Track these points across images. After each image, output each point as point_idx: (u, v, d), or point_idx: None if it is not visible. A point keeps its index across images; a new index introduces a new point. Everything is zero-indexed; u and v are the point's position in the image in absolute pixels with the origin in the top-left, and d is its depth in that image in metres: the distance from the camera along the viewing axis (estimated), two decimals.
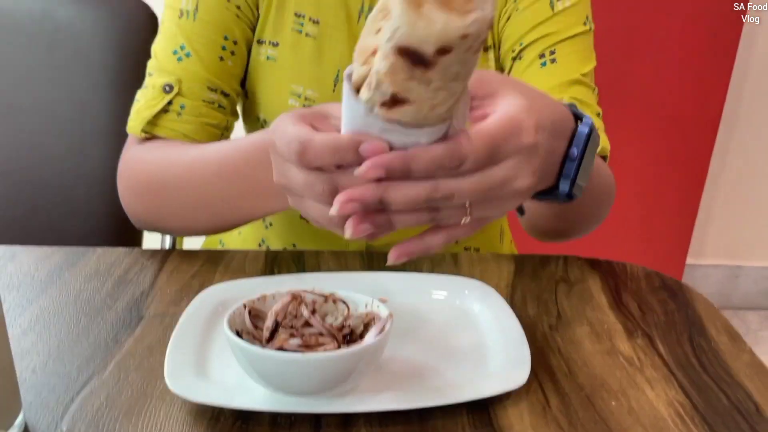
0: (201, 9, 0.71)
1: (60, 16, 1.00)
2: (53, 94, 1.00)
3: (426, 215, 0.41)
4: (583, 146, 0.49)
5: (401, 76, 0.34)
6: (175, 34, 0.72)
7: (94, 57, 0.99)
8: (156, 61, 0.72)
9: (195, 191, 0.63)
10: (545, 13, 0.71)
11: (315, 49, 0.74)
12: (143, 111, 0.70)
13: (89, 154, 1.00)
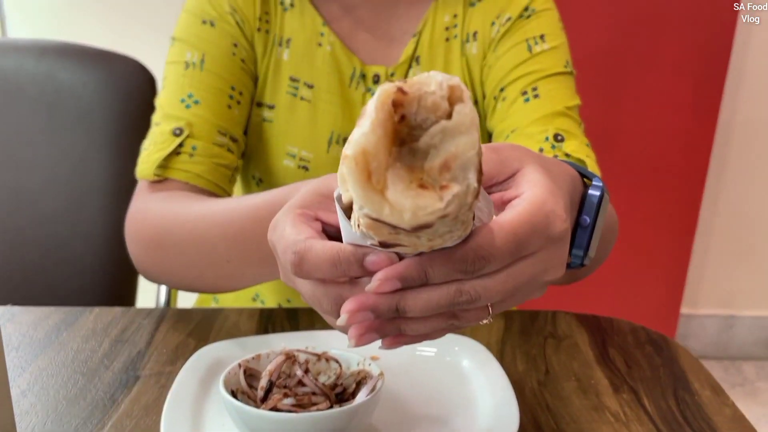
0: (207, 60, 0.73)
1: (62, 78, 1.03)
2: (53, 154, 1.02)
3: (444, 321, 0.36)
4: (595, 213, 0.46)
5: (385, 231, 0.31)
6: (182, 84, 0.72)
7: (94, 117, 1.02)
8: (162, 111, 0.72)
9: (200, 250, 0.62)
10: (524, 56, 0.73)
11: (309, 111, 0.76)
12: (154, 154, 0.69)
13: (87, 213, 1.02)
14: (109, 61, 1.05)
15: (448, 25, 0.76)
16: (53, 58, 1.04)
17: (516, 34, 0.74)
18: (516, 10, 0.75)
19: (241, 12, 0.76)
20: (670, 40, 1.62)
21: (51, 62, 1.03)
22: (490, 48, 0.75)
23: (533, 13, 0.75)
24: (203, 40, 0.74)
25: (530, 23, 0.74)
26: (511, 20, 0.75)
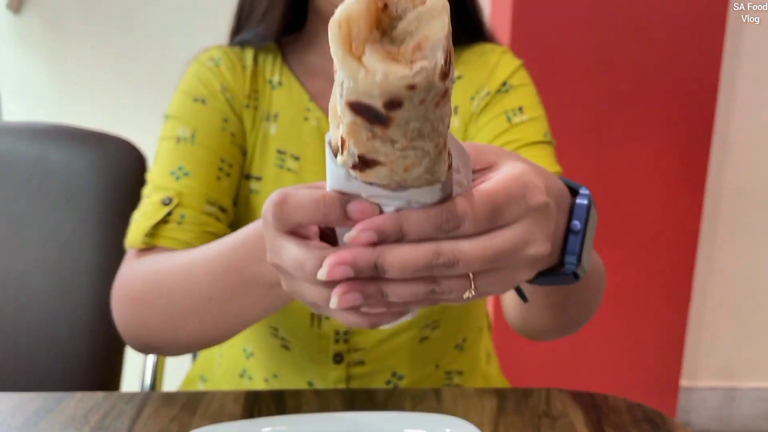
0: (198, 135, 0.75)
1: (53, 159, 1.04)
2: (41, 235, 1.02)
3: (424, 287, 0.36)
4: (585, 219, 0.46)
5: (363, 135, 0.33)
6: (174, 158, 0.74)
7: (84, 197, 1.02)
8: (153, 184, 0.73)
9: (182, 294, 0.61)
10: (503, 126, 0.75)
11: (296, 182, 0.77)
12: (142, 223, 0.70)
13: (73, 295, 1.00)
14: (101, 141, 1.06)
15: None
16: (46, 140, 1.05)
17: (495, 107, 0.77)
18: (494, 85, 0.78)
19: (231, 90, 0.78)
20: (653, 111, 1.66)
21: (43, 144, 1.04)
22: (471, 121, 0.78)
23: (511, 88, 0.78)
24: (195, 117, 0.76)
25: (508, 97, 0.77)
26: (489, 94, 0.78)
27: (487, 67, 0.79)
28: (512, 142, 0.74)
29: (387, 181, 0.34)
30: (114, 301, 0.69)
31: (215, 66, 0.79)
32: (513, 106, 0.76)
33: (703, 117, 1.69)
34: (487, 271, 0.37)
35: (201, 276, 0.59)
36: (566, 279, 0.48)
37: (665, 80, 1.64)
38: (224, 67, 0.79)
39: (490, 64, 0.80)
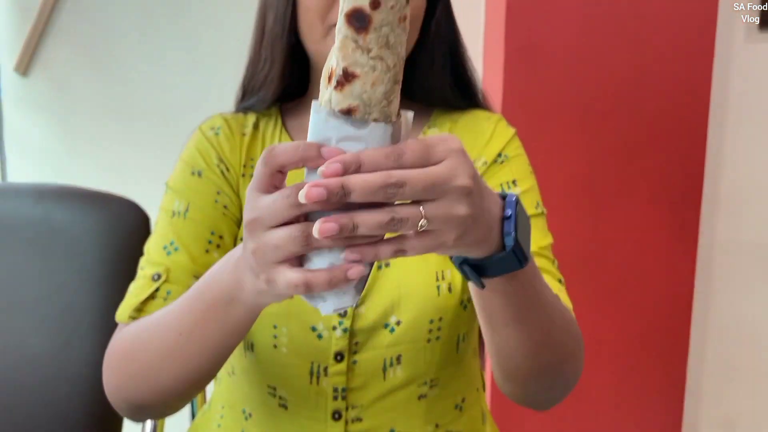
0: (191, 209, 0.79)
1: (57, 220, 1.06)
2: (44, 294, 1.04)
3: (385, 215, 0.46)
4: (515, 207, 0.54)
5: (349, 47, 0.44)
6: (167, 232, 0.78)
7: (86, 257, 1.04)
8: (147, 256, 0.78)
9: (159, 339, 0.66)
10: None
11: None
12: (131, 299, 0.75)
13: (74, 353, 1.01)
14: (105, 202, 1.09)
15: None
16: (51, 201, 1.08)
17: (491, 179, 0.80)
18: (491, 155, 0.81)
19: (227, 161, 0.81)
20: (643, 167, 1.70)
21: (48, 205, 1.07)
22: None
23: (506, 159, 0.81)
24: (190, 190, 0.80)
25: (503, 169, 0.81)
26: (486, 164, 0.81)
27: (484, 137, 0.83)
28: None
29: (357, 101, 0.45)
30: (104, 369, 0.73)
31: (215, 135, 0.83)
32: (507, 179, 0.80)
33: (692, 171, 1.73)
34: (430, 202, 0.47)
35: (172, 317, 0.65)
36: (510, 262, 0.55)
37: (654, 136, 1.69)
38: (223, 137, 0.83)
39: (487, 134, 0.83)
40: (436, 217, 0.47)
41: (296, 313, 0.76)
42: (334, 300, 0.49)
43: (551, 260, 0.78)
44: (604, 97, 1.65)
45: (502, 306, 0.61)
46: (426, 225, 0.47)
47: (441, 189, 0.46)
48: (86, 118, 1.84)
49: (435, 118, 0.86)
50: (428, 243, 0.48)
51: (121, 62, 1.82)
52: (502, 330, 0.64)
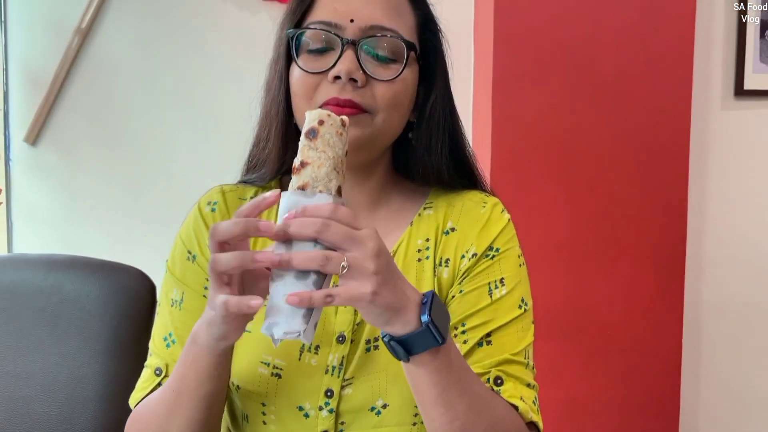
0: (186, 299, 0.82)
1: (68, 290, 1.10)
2: (52, 362, 1.07)
3: (318, 254, 0.60)
4: (431, 296, 0.66)
5: (305, 149, 0.65)
6: (167, 322, 0.83)
7: (95, 325, 1.08)
8: (153, 344, 0.84)
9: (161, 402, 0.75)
10: (484, 301, 0.80)
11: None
12: (138, 391, 0.82)
13: (80, 421, 1.04)
14: (113, 271, 1.13)
15: (420, 247, 0.84)
16: (61, 271, 1.12)
17: (481, 275, 0.82)
18: (481, 247, 0.83)
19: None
20: (626, 230, 1.76)
21: (59, 275, 1.12)
22: (457, 279, 0.82)
23: (496, 255, 0.83)
24: (185, 278, 0.84)
25: (493, 266, 0.82)
26: (476, 257, 0.82)
27: (479, 224, 0.84)
28: (487, 323, 0.80)
29: (308, 179, 0.64)
30: None
31: (210, 212, 0.86)
32: (496, 278, 0.81)
33: (674, 234, 1.80)
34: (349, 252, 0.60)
35: (169, 381, 0.75)
36: (428, 337, 0.65)
37: (637, 201, 1.76)
38: (218, 214, 0.86)
39: (482, 221, 0.84)
40: (353, 264, 0.61)
41: (285, 392, 0.79)
42: (284, 324, 0.61)
43: (524, 364, 0.80)
44: (588, 165, 1.73)
45: (428, 384, 0.69)
46: (346, 267, 0.60)
47: (357, 244, 0.61)
48: (93, 187, 1.88)
49: (432, 198, 0.88)
50: (351, 292, 0.61)
51: (128, 133, 1.88)
52: (430, 410, 0.70)
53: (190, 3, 1.86)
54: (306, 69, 0.78)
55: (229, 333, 0.67)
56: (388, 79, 0.78)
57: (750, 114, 1.97)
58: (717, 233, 1.99)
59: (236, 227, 0.61)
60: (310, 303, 0.60)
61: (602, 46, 1.71)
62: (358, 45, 0.77)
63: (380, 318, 0.64)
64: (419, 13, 0.84)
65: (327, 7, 0.80)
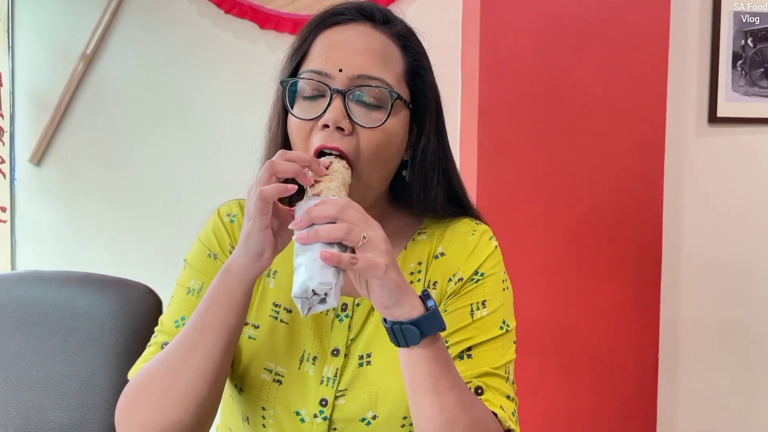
0: (205, 289, 0.84)
1: (80, 305, 1.16)
2: (65, 372, 1.12)
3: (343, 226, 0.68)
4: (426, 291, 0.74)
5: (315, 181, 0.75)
6: (181, 307, 0.87)
7: (105, 337, 1.14)
8: (161, 326, 0.88)
9: (176, 345, 0.78)
10: (465, 320, 0.84)
11: (287, 333, 0.86)
12: (142, 362, 0.85)
13: (91, 427, 1.10)
14: (123, 287, 1.20)
15: (413, 270, 0.88)
16: (74, 287, 1.18)
17: (464, 297, 0.86)
18: (468, 272, 0.86)
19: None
20: (603, 249, 1.82)
21: (72, 291, 1.18)
22: (443, 301, 0.87)
23: (481, 279, 0.86)
24: (206, 271, 0.88)
25: (476, 289, 0.86)
26: (462, 281, 0.86)
27: (467, 250, 0.88)
28: (468, 339, 0.83)
29: (322, 188, 0.73)
30: (117, 409, 0.82)
31: (230, 222, 0.90)
32: (478, 300, 0.85)
33: (650, 252, 1.86)
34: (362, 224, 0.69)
35: (188, 324, 0.78)
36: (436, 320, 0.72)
37: (614, 222, 1.83)
38: (237, 225, 0.90)
39: (470, 248, 0.88)
40: (370, 239, 0.69)
41: (284, 398, 0.84)
42: (318, 277, 0.68)
43: (504, 378, 0.83)
44: (568, 188, 1.81)
45: (424, 372, 0.73)
46: (365, 240, 0.69)
47: (371, 226, 0.70)
48: (95, 206, 1.93)
49: (426, 225, 0.92)
50: (370, 260, 0.68)
51: (130, 154, 1.94)
52: (422, 399, 0.74)
53: (191, 31, 1.93)
54: (299, 116, 0.82)
55: (265, 245, 0.74)
56: (373, 127, 0.80)
57: (723, 140, 2.03)
58: (692, 253, 2.04)
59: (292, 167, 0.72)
60: (339, 261, 0.67)
61: (581, 76, 1.79)
62: (346, 94, 0.80)
63: (390, 297, 0.70)
64: (409, 59, 0.86)
65: (319, 56, 0.83)
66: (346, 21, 0.85)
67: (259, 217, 0.72)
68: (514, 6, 1.78)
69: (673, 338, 2.03)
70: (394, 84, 0.83)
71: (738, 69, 2.00)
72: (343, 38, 0.84)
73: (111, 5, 1.90)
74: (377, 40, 0.84)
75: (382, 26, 0.86)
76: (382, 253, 0.69)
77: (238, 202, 0.93)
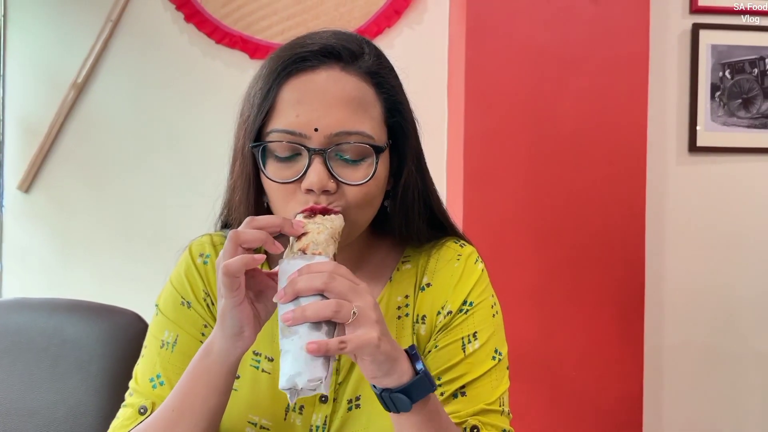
0: (179, 342, 0.83)
1: (67, 332, 1.15)
2: (52, 399, 1.12)
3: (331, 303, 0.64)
4: (413, 347, 0.71)
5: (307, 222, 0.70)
6: (155, 363, 0.83)
7: (93, 365, 1.13)
8: (136, 384, 0.83)
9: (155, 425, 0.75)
10: (458, 356, 0.82)
11: (270, 383, 0.82)
12: (117, 429, 0.80)
13: None
14: (111, 314, 1.20)
15: (400, 304, 0.85)
16: (62, 314, 1.18)
17: (454, 331, 0.83)
18: (456, 304, 0.84)
19: (212, 294, 0.85)
20: (589, 280, 1.85)
21: (60, 318, 1.17)
22: (433, 335, 0.84)
23: (470, 308, 0.84)
24: (178, 321, 0.84)
25: (467, 321, 0.83)
26: (451, 314, 0.84)
27: (453, 279, 0.85)
28: (461, 377, 0.81)
29: (308, 242, 0.68)
30: None
31: (203, 264, 0.86)
32: (469, 332, 0.83)
33: (633, 280, 1.89)
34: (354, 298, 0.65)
35: (166, 401, 0.75)
36: (425, 384, 0.69)
37: (598, 250, 1.86)
38: (210, 267, 0.85)
39: (456, 276, 0.85)
40: (360, 312, 0.65)
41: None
42: (306, 373, 0.64)
43: (500, 411, 0.82)
44: (553, 217, 1.84)
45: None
46: (356, 313, 0.64)
47: (360, 295, 0.66)
48: (83, 233, 1.93)
49: (408, 253, 0.88)
50: (360, 338, 0.64)
51: (118, 182, 1.95)
52: None
53: (182, 60, 1.95)
54: (277, 180, 0.76)
55: (244, 323, 0.69)
56: (359, 183, 0.76)
57: (703, 168, 2.08)
58: (675, 280, 2.07)
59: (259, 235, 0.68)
60: (327, 350, 0.63)
61: (563, 107, 1.83)
62: (326, 154, 0.74)
63: (381, 368, 0.66)
64: (385, 97, 0.79)
65: (288, 115, 0.75)
66: (312, 68, 0.76)
67: (230, 294, 0.66)
68: (499, 39, 1.82)
69: (657, 365, 2.05)
70: (375, 133, 0.77)
71: (716, 100, 2.05)
72: (311, 90, 0.75)
73: (102, 34, 1.93)
74: (348, 85, 0.76)
75: (351, 66, 0.77)
76: (373, 325, 0.65)
77: (211, 238, 0.89)
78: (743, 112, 2.07)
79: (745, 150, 2.08)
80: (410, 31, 2.00)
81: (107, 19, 1.93)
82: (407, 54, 1.94)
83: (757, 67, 2.06)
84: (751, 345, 2.10)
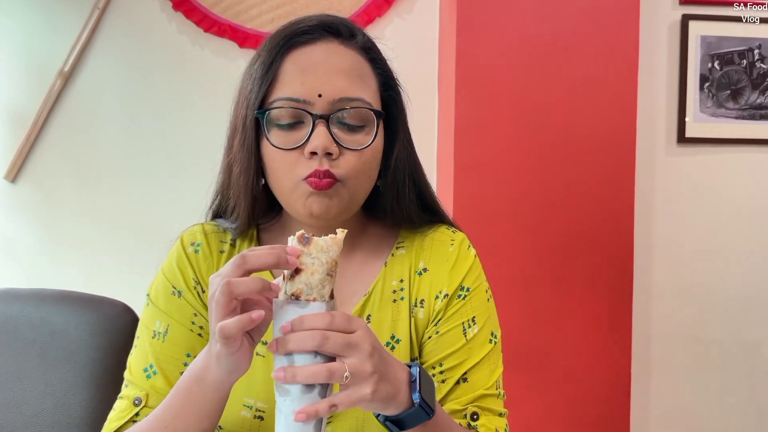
0: (170, 332, 0.83)
1: (55, 322, 1.15)
2: (40, 390, 1.11)
3: (322, 367, 0.62)
4: (418, 372, 0.69)
5: (300, 256, 0.64)
6: (147, 353, 0.83)
7: (81, 355, 1.12)
8: (130, 375, 0.84)
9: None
10: (459, 341, 0.84)
11: (264, 366, 0.83)
12: (114, 421, 0.81)
13: None
14: (99, 304, 1.19)
15: (395, 288, 0.87)
16: (50, 305, 1.17)
17: (454, 316, 0.86)
18: (452, 287, 0.86)
19: (203, 282, 0.85)
20: (578, 267, 1.86)
21: (48, 308, 1.16)
22: (432, 320, 0.86)
23: (467, 293, 0.87)
24: (170, 311, 0.84)
25: (465, 306, 0.86)
26: (448, 297, 0.86)
27: (449, 263, 0.87)
28: (464, 362, 0.84)
29: (302, 285, 0.64)
30: None
31: (194, 253, 0.86)
32: (468, 318, 0.85)
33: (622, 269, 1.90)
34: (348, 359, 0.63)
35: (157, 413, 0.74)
36: (420, 414, 0.69)
37: (586, 239, 1.86)
38: (201, 256, 0.86)
39: (451, 261, 0.87)
40: (354, 370, 0.63)
41: None
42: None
43: (496, 395, 0.85)
44: (542, 206, 1.85)
45: None
46: (349, 377, 0.63)
47: (354, 349, 0.63)
48: (71, 223, 1.92)
49: (403, 237, 0.90)
50: (352, 396, 0.64)
51: (106, 172, 1.93)
52: None
53: (170, 49, 1.94)
54: (281, 146, 0.78)
55: (240, 363, 0.67)
56: (361, 148, 0.79)
57: (692, 159, 2.09)
58: (663, 270, 2.09)
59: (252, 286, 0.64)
60: (316, 415, 0.62)
61: (554, 97, 1.84)
62: (329, 119, 0.78)
63: (377, 407, 0.68)
64: (380, 72, 0.84)
65: (292, 83, 0.79)
66: (313, 40, 0.81)
67: (226, 348, 0.65)
68: (490, 29, 1.82)
69: (645, 353, 2.07)
70: (373, 101, 0.81)
71: (705, 91, 2.06)
72: (314, 60, 0.80)
73: (90, 22, 1.91)
74: (348, 57, 0.81)
75: (349, 41, 0.82)
76: (367, 380, 0.64)
77: (202, 227, 0.89)
78: (732, 104, 2.07)
79: (734, 141, 2.09)
80: (400, 20, 1.99)
81: (94, 6, 1.90)
82: (398, 44, 1.91)
83: (746, 59, 2.06)
84: (737, 333, 2.12)
